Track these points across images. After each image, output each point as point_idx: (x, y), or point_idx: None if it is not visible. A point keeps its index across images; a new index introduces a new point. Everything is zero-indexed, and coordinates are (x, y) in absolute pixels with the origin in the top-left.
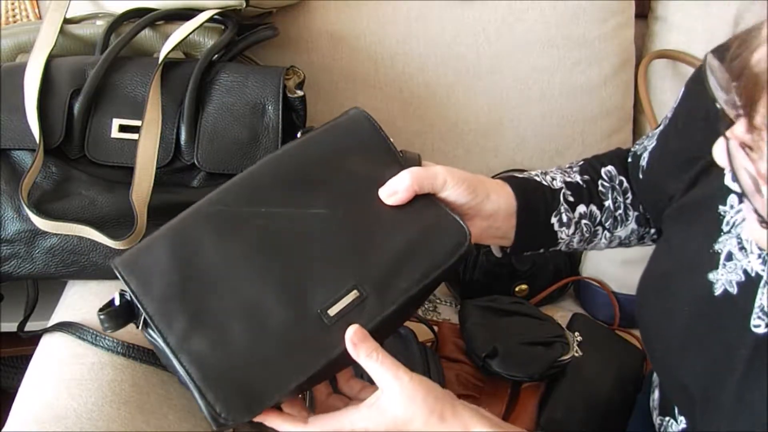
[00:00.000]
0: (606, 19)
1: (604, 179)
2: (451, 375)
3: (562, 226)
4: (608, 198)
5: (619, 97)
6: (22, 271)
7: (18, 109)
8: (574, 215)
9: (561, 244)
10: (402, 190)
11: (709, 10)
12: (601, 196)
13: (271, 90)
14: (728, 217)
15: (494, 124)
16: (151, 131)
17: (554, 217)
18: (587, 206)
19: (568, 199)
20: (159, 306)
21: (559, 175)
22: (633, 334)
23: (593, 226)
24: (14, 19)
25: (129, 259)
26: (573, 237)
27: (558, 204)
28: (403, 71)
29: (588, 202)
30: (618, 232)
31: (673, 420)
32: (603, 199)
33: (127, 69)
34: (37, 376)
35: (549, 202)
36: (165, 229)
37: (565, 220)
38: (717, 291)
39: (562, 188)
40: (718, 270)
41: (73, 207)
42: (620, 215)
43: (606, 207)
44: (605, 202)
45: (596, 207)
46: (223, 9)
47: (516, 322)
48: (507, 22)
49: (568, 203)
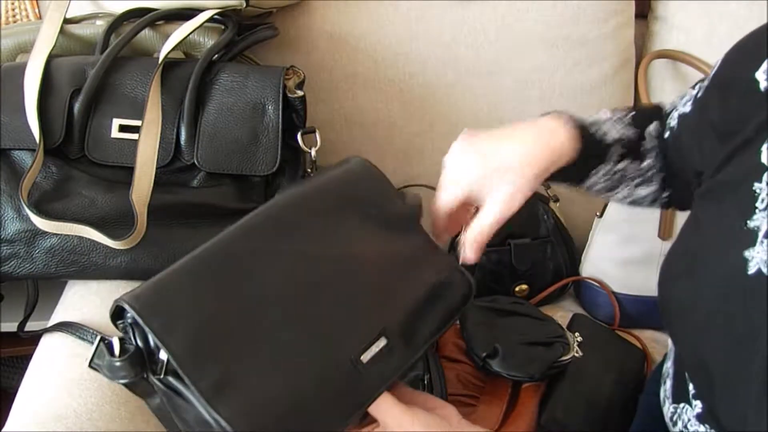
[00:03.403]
0: (606, 19)
1: (647, 138)
2: (452, 375)
3: (597, 173)
4: (648, 158)
5: (619, 97)
6: (22, 271)
7: (18, 109)
8: (615, 168)
9: (584, 184)
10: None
11: (709, 10)
12: (642, 155)
13: (271, 90)
14: (764, 194)
15: (494, 124)
16: (151, 131)
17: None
18: (628, 162)
19: (617, 153)
20: (187, 351)
21: (611, 126)
22: (633, 334)
23: (622, 179)
24: (14, 19)
25: (147, 299)
26: (600, 182)
27: (606, 160)
28: (403, 71)
29: (632, 159)
30: (639, 191)
31: (687, 405)
32: (643, 159)
33: (127, 69)
34: (37, 376)
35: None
36: (181, 267)
37: (603, 171)
38: (751, 269)
39: (613, 144)
40: (755, 248)
41: (73, 207)
42: (651, 175)
43: (642, 166)
44: (644, 162)
45: (635, 164)
46: (223, 9)
47: (516, 322)
48: (507, 22)
49: (616, 157)
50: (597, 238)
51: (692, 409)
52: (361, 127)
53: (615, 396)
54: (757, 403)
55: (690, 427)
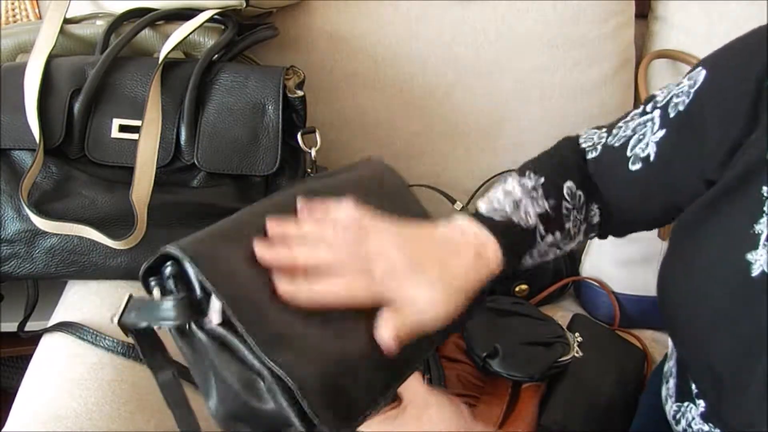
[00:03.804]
0: (606, 19)
1: (566, 199)
2: (452, 375)
3: (530, 257)
4: (569, 220)
5: (619, 97)
6: (22, 271)
7: (18, 109)
8: (543, 247)
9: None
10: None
11: (709, 10)
12: (563, 220)
13: (271, 90)
14: None
15: (494, 124)
16: (151, 131)
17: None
18: (554, 234)
19: (541, 232)
20: (242, 300)
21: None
22: (633, 334)
23: (551, 248)
24: (14, 19)
25: (196, 247)
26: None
27: (534, 243)
28: (403, 71)
29: (555, 230)
30: (565, 248)
31: (691, 404)
32: (565, 222)
33: (127, 69)
34: (37, 376)
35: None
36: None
37: (535, 254)
38: (755, 272)
39: (536, 225)
40: (758, 250)
41: (73, 207)
42: (574, 233)
43: (566, 229)
44: (566, 224)
45: (560, 232)
46: (223, 9)
47: (516, 322)
48: (507, 22)
49: (541, 236)
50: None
51: (696, 407)
52: (361, 127)
53: (615, 396)
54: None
55: (694, 425)
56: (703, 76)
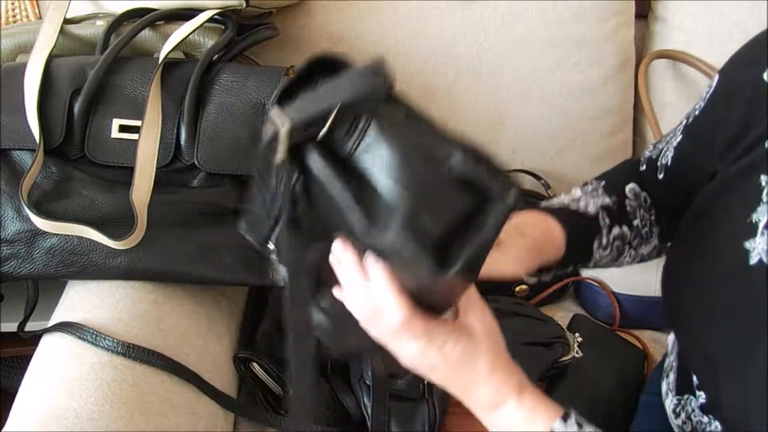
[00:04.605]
0: (606, 19)
1: (629, 198)
2: None
3: (600, 247)
4: (636, 217)
5: (619, 97)
6: (22, 271)
7: (18, 109)
8: (610, 237)
9: (591, 263)
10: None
11: (709, 10)
12: (630, 216)
13: (271, 90)
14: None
15: (494, 124)
16: (151, 131)
17: (596, 241)
18: (620, 227)
19: (605, 221)
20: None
21: (589, 199)
22: (633, 334)
23: (623, 246)
24: (14, 19)
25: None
26: (605, 256)
27: (600, 230)
28: (403, 71)
29: (621, 223)
30: (642, 250)
31: (692, 396)
32: (632, 219)
33: (127, 69)
34: (37, 376)
35: (593, 228)
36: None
37: (603, 243)
38: (752, 260)
39: (598, 213)
40: (756, 239)
41: (73, 207)
42: (646, 233)
43: (635, 226)
44: (634, 221)
45: (627, 227)
46: (223, 9)
47: (516, 322)
48: (507, 22)
49: (606, 227)
50: None
51: (696, 399)
52: None
53: (615, 396)
54: (760, 395)
55: (693, 417)
56: (716, 80)
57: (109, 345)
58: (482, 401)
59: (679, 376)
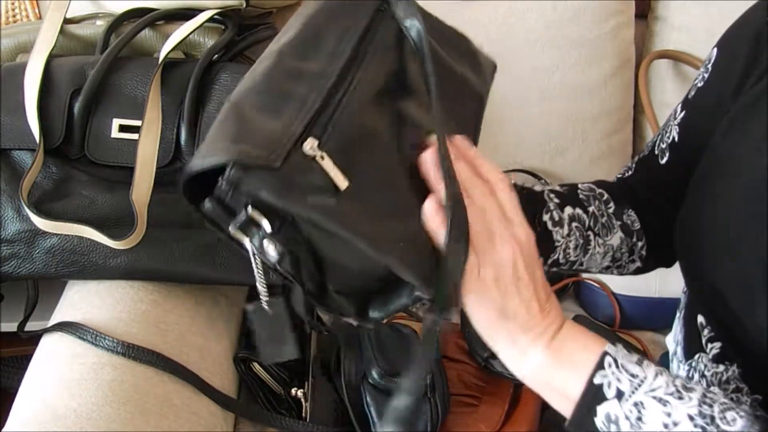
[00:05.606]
0: (606, 19)
1: (582, 189)
2: (453, 375)
3: (555, 225)
4: (591, 204)
5: (619, 97)
6: (22, 271)
7: (18, 109)
8: (563, 215)
9: (558, 250)
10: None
11: (709, 10)
12: (584, 202)
13: None
14: None
15: (494, 123)
16: (151, 131)
17: (545, 214)
18: (573, 208)
19: (553, 200)
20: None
21: (536, 186)
22: (634, 335)
23: (584, 230)
24: (14, 19)
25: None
26: (569, 241)
27: (545, 203)
28: None
29: (574, 205)
30: (609, 240)
31: (701, 353)
32: (586, 205)
33: (127, 69)
34: (37, 376)
35: (537, 201)
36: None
37: (556, 218)
38: None
39: (544, 191)
40: None
41: (73, 207)
42: (606, 222)
43: (591, 212)
44: (589, 207)
45: (581, 210)
46: (223, 9)
47: None
48: (507, 22)
49: (555, 204)
50: None
51: (707, 354)
52: None
53: None
54: None
55: (707, 372)
56: (715, 52)
57: (109, 345)
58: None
59: (686, 343)
